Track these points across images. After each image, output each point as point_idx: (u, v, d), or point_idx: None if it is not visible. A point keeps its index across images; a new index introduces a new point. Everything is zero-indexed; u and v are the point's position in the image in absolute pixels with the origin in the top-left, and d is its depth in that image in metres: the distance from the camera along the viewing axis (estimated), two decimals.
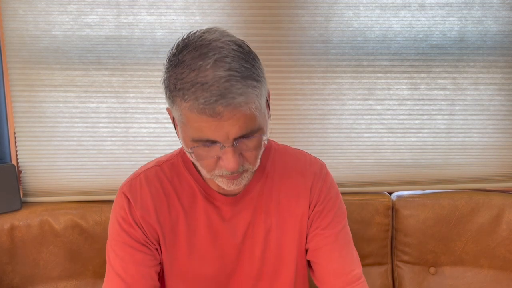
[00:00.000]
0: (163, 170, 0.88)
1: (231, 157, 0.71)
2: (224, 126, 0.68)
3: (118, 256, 0.83)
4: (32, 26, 1.25)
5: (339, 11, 1.31)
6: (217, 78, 0.65)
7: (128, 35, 1.28)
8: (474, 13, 1.34)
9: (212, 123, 0.67)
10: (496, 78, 1.39)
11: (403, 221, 1.36)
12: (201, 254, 0.87)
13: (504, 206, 1.36)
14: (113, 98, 1.32)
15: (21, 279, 1.28)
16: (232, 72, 0.66)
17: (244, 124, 0.69)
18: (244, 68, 0.68)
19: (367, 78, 1.36)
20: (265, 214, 0.88)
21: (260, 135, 0.73)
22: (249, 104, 0.68)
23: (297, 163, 0.91)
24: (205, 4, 1.28)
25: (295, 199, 0.88)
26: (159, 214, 0.85)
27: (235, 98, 0.66)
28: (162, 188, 0.86)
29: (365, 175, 1.43)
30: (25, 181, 1.34)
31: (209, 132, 0.69)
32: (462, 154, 1.44)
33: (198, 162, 0.76)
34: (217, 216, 0.86)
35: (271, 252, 0.89)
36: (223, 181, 0.77)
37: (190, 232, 0.86)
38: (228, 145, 0.70)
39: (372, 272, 1.37)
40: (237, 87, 0.66)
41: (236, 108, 0.67)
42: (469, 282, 1.37)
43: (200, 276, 0.88)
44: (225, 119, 0.67)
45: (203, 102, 0.65)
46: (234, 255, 0.88)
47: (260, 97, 0.71)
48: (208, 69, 0.66)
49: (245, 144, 0.73)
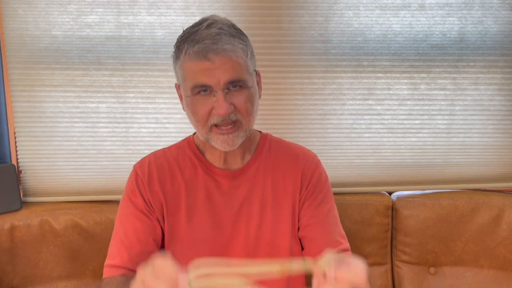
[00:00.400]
0: (170, 150, 1.01)
1: (222, 101, 0.83)
2: (216, 72, 0.82)
3: (122, 224, 0.94)
4: (32, 26, 1.25)
5: (339, 11, 1.31)
6: (209, 34, 0.83)
7: (128, 35, 1.28)
8: (474, 13, 1.34)
9: (206, 69, 0.82)
10: (496, 78, 1.39)
11: (403, 221, 1.36)
12: (199, 221, 0.95)
13: (504, 206, 1.36)
14: (113, 98, 1.32)
15: (21, 279, 1.28)
16: (222, 31, 0.83)
17: (233, 71, 0.83)
18: (234, 31, 0.86)
19: (367, 78, 1.36)
20: (261, 191, 0.97)
21: (248, 90, 0.87)
22: (236, 53, 0.84)
23: (291, 150, 1.03)
24: (205, 4, 1.28)
25: (289, 179, 0.98)
26: (163, 185, 0.96)
27: (224, 46, 0.82)
28: (167, 163, 0.98)
29: (365, 175, 1.43)
30: (25, 181, 1.34)
31: (203, 77, 0.83)
32: (462, 154, 1.44)
33: (194, 118, 0.88)
34: (216, 189, 0.96)
35: (267, 226, 0.95)
36: (218, 138, 0.87)
37: (190, 202, 0.95)
38: (219, 89, 0.83)
39: (372, 272, 1.37)
40: (225, 39, 0.83)
41: (225, 56, 0.82)
42: (469, 282, 1.37)
43: (197, 242, 0.94)
44: (216, 66, 0.82)
45: (197, 49, 0.82)
46: (230, 225, 0.95)
47: (246, 56, 0.87)
48: (203, 29, 0.83)
49: (234, 95, 0.85)
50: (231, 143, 0.88)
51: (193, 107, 0.87)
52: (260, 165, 0.98)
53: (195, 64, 0.83)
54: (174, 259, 0.93)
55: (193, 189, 0.96)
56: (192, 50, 0.82)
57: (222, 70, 0.82)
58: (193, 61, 0.83)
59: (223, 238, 0.95)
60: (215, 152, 0.97)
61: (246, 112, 0.87)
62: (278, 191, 0.97)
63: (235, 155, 0.97)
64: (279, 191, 0.97)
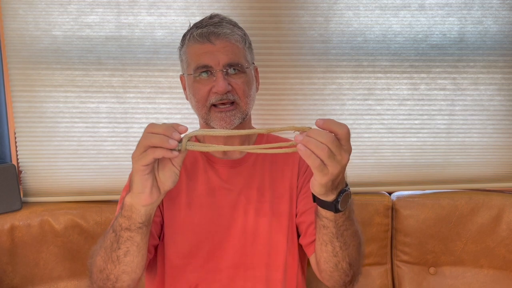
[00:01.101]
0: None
1: (220, 79, 0.91)
2: (216, 54, 0.91)
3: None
4: (33, 26, 1.25)
5: (339, 11, 1.31)
6: (212, 21, 0.95)
7: (128, 35, 1.28)
8: (474, 13, 1.34)
9: (207, 51, 0.92)
10: (496, 78, 1.39)
11: (403, 221, 1.36)
12: (199, 206, 0.98)
13: (504, 206, 1.36)
14: (113, 98, 1.32)
15: (21, 279, 1.28)
16: (224, 20, 0.95)
17: (232, 54, 0.92)
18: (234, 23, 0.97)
19: (367, 78, 1.36)
20: (259, 179, 1.00)
21: (246, 75, 0.95)
22: (236, 38, 0.94)
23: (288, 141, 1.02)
24: (205, 4, 1.28)
25: (286, 167, 1.02)
26: None
27: (224, 30, 0.92)
28: None
29: (365, 175, 1.43)
30: (25, 181, 1.34)
31: (205, 58, 0.92)
32: (462, 154, 1.44)
33: (195, 98, 0.95)
34: (215, 176, 0.99)
35: (265, 213, 0.98)
36: (217, 116, 0.93)
37: (190, 188, 0.99)
38: (218, 69, 0.91)
39: (372, 272, 1.37)
40: (226, 26, 0.94)
41: (225, 40, 0.92)
42: (469, 282, 1.37)
43: (197, 226, 0.97)
44: (217, 48, 0.92)
45: (200, 32, 0.93)
46: (228, 211, 0.98)
47: (245, 44, 0.96)
48: (207, 19, 0.96)
49: (233, 77, 0.93)
50: (229, 120, 0.93)
51: (194, 88, 0.95)
52: (259, 156, 1.02)
53: (198, 46, 0.93)
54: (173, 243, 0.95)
55: (193, 176, 0.99)
56: (195, 33, 0.93)
57: (222, 52, 0.91)
58: (196, 43, 0.93)
59: (222, 224, 0.97)
60: (214, 143, 0.99)
61: (243, 93, 0.94)
62: (276, 178, 1.01)
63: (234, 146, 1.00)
64: (276, 179, 1.01)
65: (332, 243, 0.84)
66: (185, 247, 0.96)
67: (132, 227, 0.79)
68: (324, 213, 0.80)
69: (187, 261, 0.96)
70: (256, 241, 0.97)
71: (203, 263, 0.96)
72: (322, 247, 0.87)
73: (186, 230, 0.97)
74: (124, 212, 0.79)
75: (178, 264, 0.96)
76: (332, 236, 0.83)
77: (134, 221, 0.78)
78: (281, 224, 0.98)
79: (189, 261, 0.96)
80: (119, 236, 0.80)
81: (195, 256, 0.96)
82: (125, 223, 0.79)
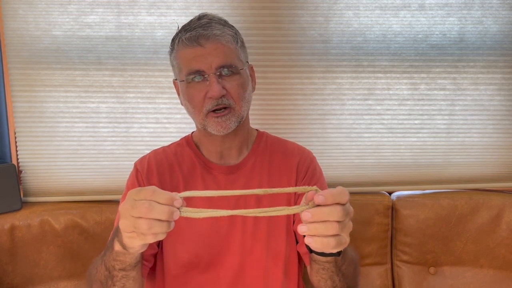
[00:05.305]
0: (169, 148, 1.04)
1: (214, 83, 0.87)
2: (208, 57, 0.88)
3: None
4: (33, 26, 1.25)
5: (339, 11, 1.31)
6: (200, 23, 0.90)
7: (128, 35, 1.28)
8: (474, 13, 1.34)
9: (198, 55, 0.88)
10: (496, 78, 1.39)
11: (403, 221, 1.36)
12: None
13: (504, 206, 1.36)
14: (113, 98, 1.32)
15: (21, 279, 1.28)
16: (212, 20, 0.90)
17: (224, 56, 0.88)
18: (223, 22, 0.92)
19: (367, 78, 1.36)
20: (258, 185, 0.98)
21: (240, 76, 0.91)
22: (226, 38, 0.89)
23: (287, 146, 1.06)
24: (205, 4, 1.28)
25: (284, 173, 1.01)
26: (161, 178, 0.98)
27: (214, 31, 0.88)
28: (166, 159, 1.01)
29: (365, 175, 1.43)
30: (25, 181, 1.34)
31: (196, 63, 0.88)
32: (462, 154, 1.44)
33: (191, 105, 0.92)
34: (213, 182, 0.98)
35: (263, 220, 0.97)
36: (213, 122, 0.91)
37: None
38: (211, 73, 0.88)
39: (371, 272, 1.37)
40: (215, 27, 0.89)
41: (215, 42, 0.88)
42: (469, 282, 1.37)
43: (195, 234, 0.96)
44: (207, 51, 0.88)
45: (188, 36, 0.88)
46: (227, 219, 0.96)
47: (237, 43, 0.92)
48: (195, 20, 0.91)
49: (226, 80, 0.90)
50: (224, 125, 0.91)
51: (188, 94, 0.92)
52: (257, 160, 1.01)
53: (188, 50, 0.89)
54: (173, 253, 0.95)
55: (191, 183, 0.98)
56: (184, 37, 0.89)
57: (213, 55, 0.88)
58: (186, 47, 0.89)
59: (220, 232, 0.96)
60: (211, 148, 0.98)
61: (238, 97, 0.91)
62: (274, 185, 0.99)
63: (232, 151, 0.99)
64: (275, 185, 0.98)
65: (332, 279, 0.84)
66: (184, 256, 0.96)
67: (127, 268, 0.79)
68: (324, 259, 0.79)
69: (186, 270, 0.96)
70: (254, 249, 0.96)
71: (203, 272, 0.96)
72: (321, 283, 0.86)
73: (185, 240, 0.96)
74: (116, 257, 0.77)
75: (178, 273, 0.96)
76: (333, 274, 0.82)
77: (128, 264, 0.78)
78: (279, 231, 0.97)
79: (188, 270, 0.96)
80: (113, 275, 0.80)
81: (195, 266, 0.96)
82: (119, 265, 0.78)
